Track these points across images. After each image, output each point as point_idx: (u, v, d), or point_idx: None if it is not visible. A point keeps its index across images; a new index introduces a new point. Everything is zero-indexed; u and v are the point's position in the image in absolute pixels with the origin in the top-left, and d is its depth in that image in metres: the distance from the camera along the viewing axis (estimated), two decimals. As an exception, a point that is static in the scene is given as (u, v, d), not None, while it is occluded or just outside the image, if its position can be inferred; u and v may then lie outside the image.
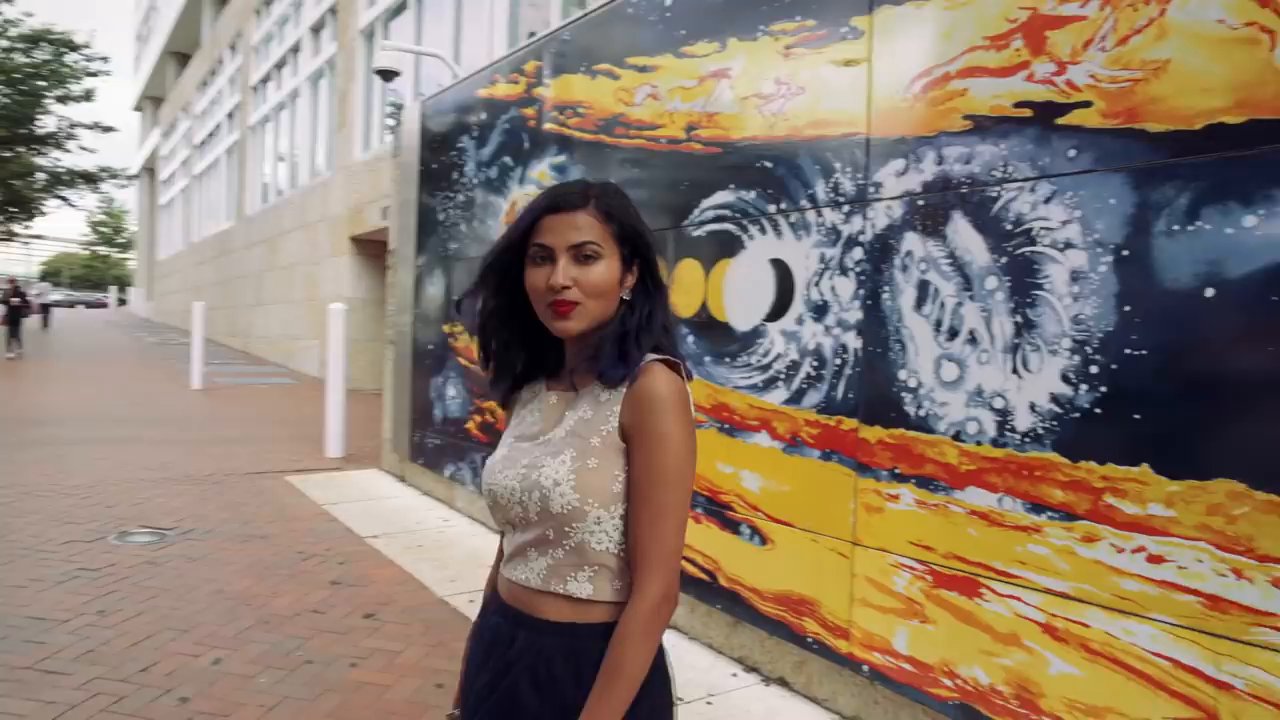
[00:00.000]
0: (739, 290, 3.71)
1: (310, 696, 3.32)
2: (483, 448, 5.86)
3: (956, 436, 2.87)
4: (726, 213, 3.73)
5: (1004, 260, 2.71)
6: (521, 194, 5.22)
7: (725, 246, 3.75)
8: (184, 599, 4.34)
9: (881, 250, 3.09)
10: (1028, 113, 2.64)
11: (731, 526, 3.74)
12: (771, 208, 3.52)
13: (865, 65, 3.14)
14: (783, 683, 3.58)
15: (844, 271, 3.23)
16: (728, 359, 3.74)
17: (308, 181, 18.38)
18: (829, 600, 3.33)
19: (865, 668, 3.19)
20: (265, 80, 21.94)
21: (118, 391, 13.86)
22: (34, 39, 22.58)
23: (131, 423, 10.47)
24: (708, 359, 3.84)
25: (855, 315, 3.19)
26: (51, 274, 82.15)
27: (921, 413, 2.97)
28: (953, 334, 2.87)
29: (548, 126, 4.94)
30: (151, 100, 43.60)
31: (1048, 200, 2.60)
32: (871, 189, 3.11)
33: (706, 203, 3.84)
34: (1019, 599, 2.71)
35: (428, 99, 6.64)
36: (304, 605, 4.32)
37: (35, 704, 3.19)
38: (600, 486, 1.29)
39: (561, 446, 1.33)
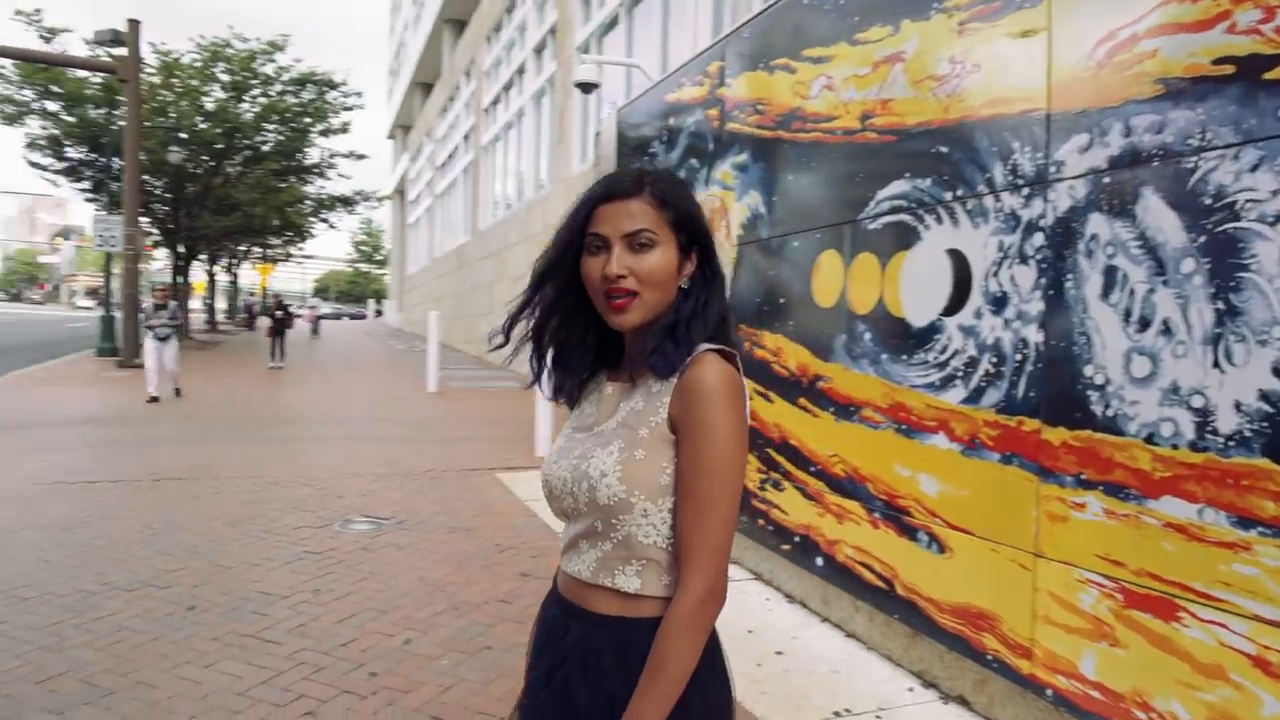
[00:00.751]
0: (915, 284, 3.53)
1: (484, 680, 3.49)
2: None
3: (1149, 439, 2.58)
4: (902, 203, 3.57)
5: (1202, 239, 2.42)
6: (705, 196, 5.24)
7: (901, 238, 3.59)
8: (388, 583, 4.69)
9: (1064, 235, 2.84)
10: (1229, 69, 2.34)
11: (909, 533, 3.56)
12: (947, 195, 3.33)
13: (1044, 35, 2.90)
14: (962, 702, 3.36)
15: (1024, 260, 2.99)
16: (904, 356, 3.57)
17: (532, 195, 19.39)
18: (1010, 616, 3.10)
19: (1049, 692, 2.93)
20: (495, 102, 23.40)
21: (362, 394, 15.20)
22: (301, 81, 25.30)
23: (370, 422, 11.45)
24: (884, 356, 3.68)
25: (1036, 307, 2.95)
26: (321, 290, 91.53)
27: (1110, 413, 2.70)
28: (1144, 325, 2.59)
29: (730, 126, 4.94)
30: (402, 128, 47.64)
31: (1254, 168, 2.29)
32: (1052, 168, 2.87)
33: (882, 194, 3.69)
34: (1224, 625, 2.40)
35: (623, 107, 6.82)
36: (493, 595, 4.55)
37: (251, 668, 3.56)
38: (647, 478, 1.26)
39: (611, 437, 1.31)
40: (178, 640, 3.81)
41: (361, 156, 28.26)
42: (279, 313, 19.77)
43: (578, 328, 1.42)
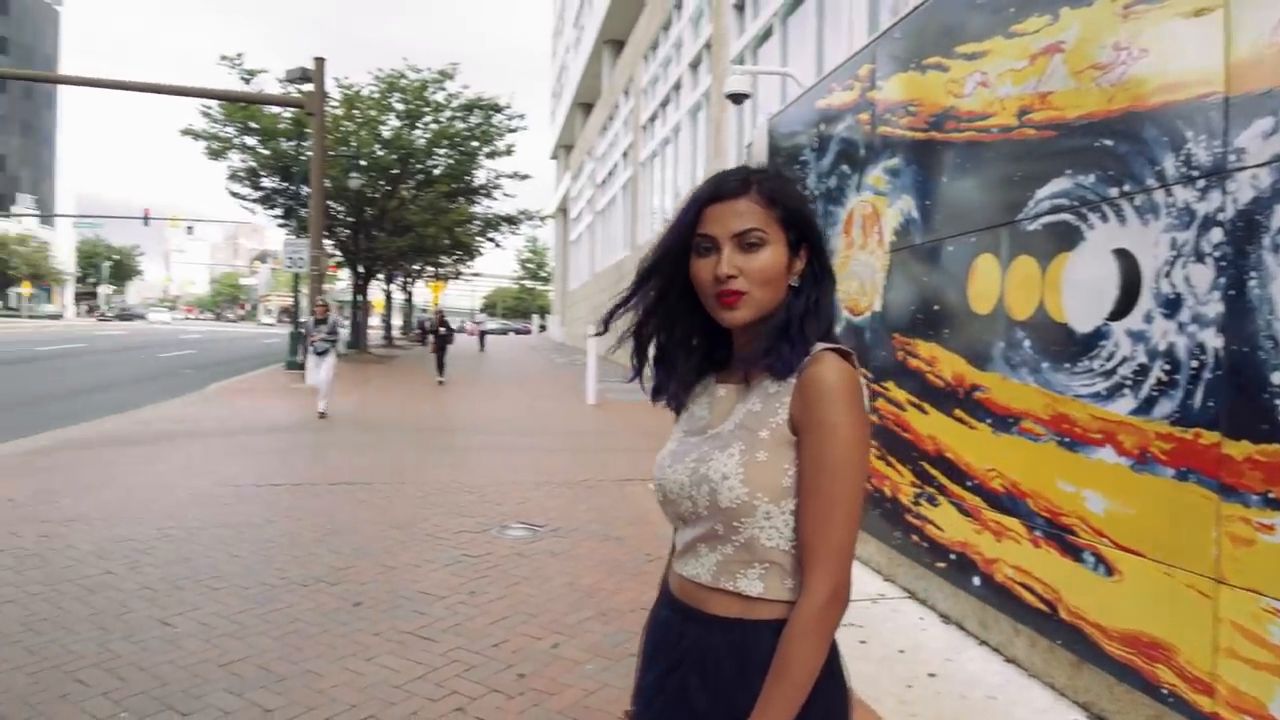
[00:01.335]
0: (1079, 287, 3.32)
1: (627, 687, 3.47)
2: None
3: (1349, 454, 2.32)
4: (1064, 201, 3.37)
5: None
6: (858, 201, 5.12)
7: (1063, 239, 3.38)
8: (540, 588, 4.81)
9: (1246, 229, 2.60)
10: None
11: (1073, 553, 3.34)
12: (1113, 191, 3.12)
13: (1220, 12, 2.67)
14: (1131, 735, 3.11)
15: (1200, 258, 2.76)
16: (1067, 364, 3.36)
17: (688, 209, 19.53)
18: (1187, 647, 2.85)
19: (1234, 730, 2.67)
20: (653, 119, 23.75)
21: (524, 406, 15.71)
22: (469, 107, 26.57)
23: (530, 433, 11.81)
24: (1045, 365, 3.48)
25: (1215, 309, 2.71)
26: (489, 306, 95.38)
27: (1302, 424, 2.44)
28: (1342, 327, 2.33)
29: (881, 130, 4.81)
30: (564, 148, 49.11)
31: None
32: (1232, 157, 2.63)
33: (1041, 193, 3.49)
34: None
35: (773, 116, 6.77)
36: (640, 603, 4.58)
37: (408, 663, 3.73)
38: (769, 480, 1.25)
39: (730, 440, 1.30)
40: (344, 633, 4.05)
41: (525, 177, 29.30)
42: (441, 329, 20.06)
43: (680, 329, 1.42)
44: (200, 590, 4.61)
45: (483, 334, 39.32)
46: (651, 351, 1.45)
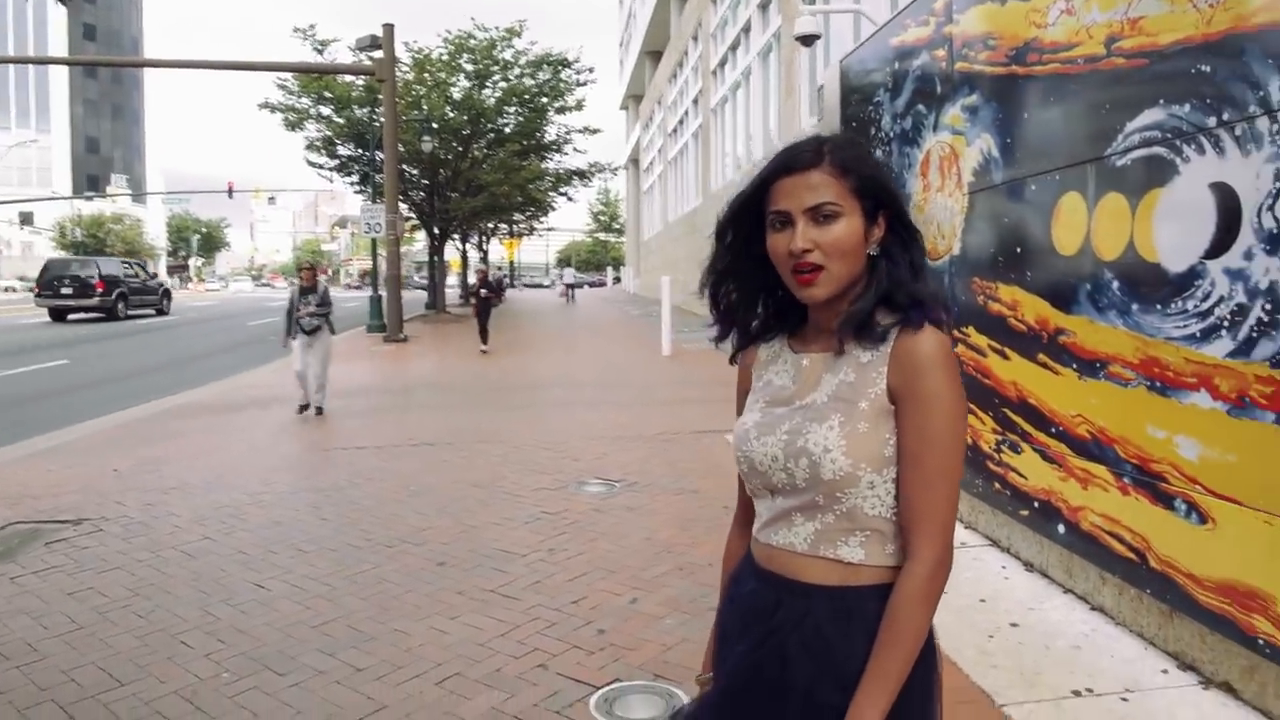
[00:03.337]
0: (1172, 223, 3.14)
1: (705, 641, 3.52)
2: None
3: None
4: (1155, 134, 3.17)
5: None
6: (935, 141, 4.93)
7: (1155, 174, 3.19)
8: (618, 544, 4.85)
9: (1357, 157, 2.41)
10: None
11: (1165, 500, 3.21)
12: (1210, 121, 2.92)
13: (1327, -79, 2.45)
14: (1228, 689, 3.00)
15: (1305, 189, 2.57)
16: (1158, 305, 3.19)
17: (761, 153, 19.19)
18: (1290, 596, 2.72)
19: (1341, 684, 2.55)
20: (723, 63, 23.31)
21: (599, 359, 15.81)
22: (538, 63, 26.47)
23: (605, 387, 11.88)
24: (1135, 306, 3.31)
25: (1322, 243, 2.53)
26: (564, 260, 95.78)
27: None
28: None
29: (958, 66, 4.60)
30: (634, 98, 48.63)
31: None
32: (1341, 80, 2.44)
33: (1131, 125, 3.30)
34: None
35: (845, 57, 6.54)
36: (718, 556, 4.49)
37: (490, 620, 3.81)
38: (872, 451, 1.26)
39: (826, 411, 1.29)
40: (429, 593, 4.16)
41: (595, 131, 29.16)
42: (483, 290, 17.39)
43: (750, 291, 1.42)
44: (291, 553, 4.78)
45: (570, 287, 42.24)
46: (724, 307, 1.46)
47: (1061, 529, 3.87)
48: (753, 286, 1.41)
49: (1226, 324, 2.89)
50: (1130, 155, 3.32)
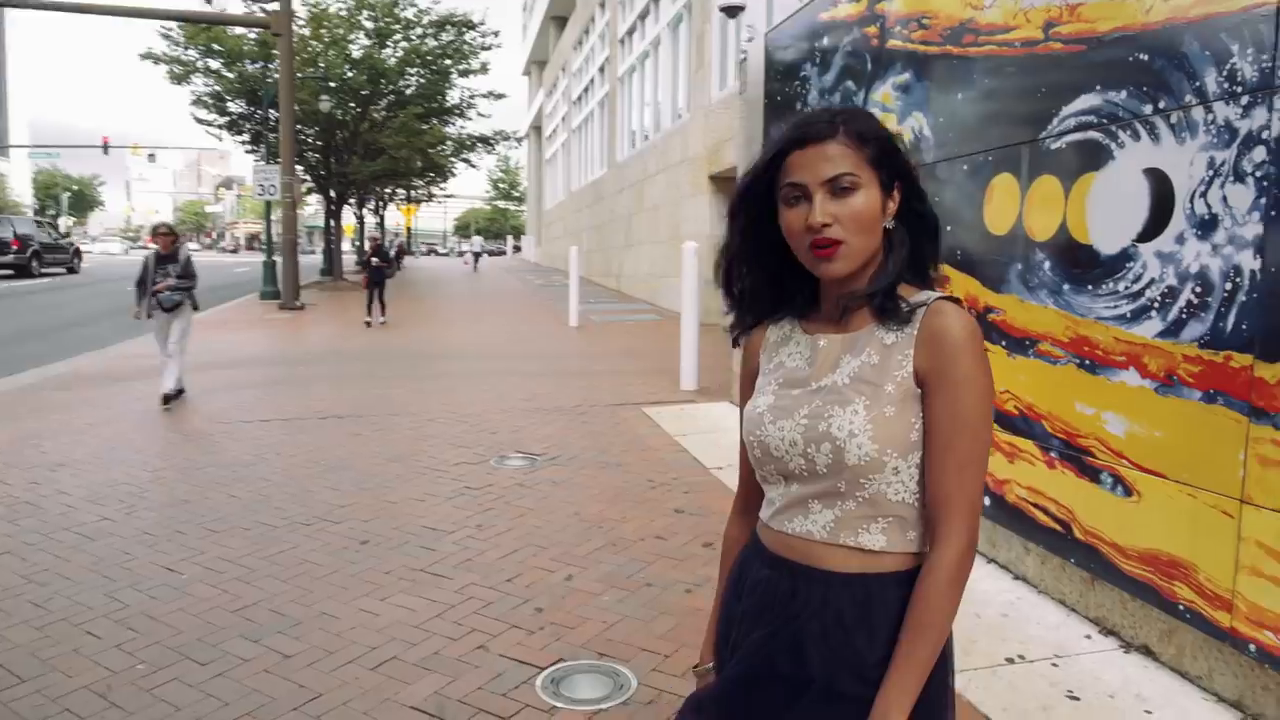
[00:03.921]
0: (1105, 207, 3.24)
1: (647, 618, 3.52)
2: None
3: (1393, 377, 2.29)
4: (1091, 119, 3.26)
5: None
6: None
7: (1089, 157, 3.28)
8: (546, 519, 4.79)
9: (1291, 148, 2.51)
10: None
11: (1091, 474, 3.34)
12: (1147, 108, 3.01)
13: (1273, -83, 2.54)
14: (1146, 651, 3.16)
15: (1239, 178, 2.68)
16: (1090, 286, 3.30)
17: (669, 125, 19.14)
18: (1207, 565, 2.87)
19: (1251, 647, 2.71)
20: (631, 32, 23.07)
21: (506, 329, 15.58)
22: (440, 24, 25.67)
23: (515, 358, 11.72)
24: (1066, 287, 3.42)
25: (1254, 230, 2.65)
26: (462, 228, 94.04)
27: (1343, 347, 2.41)
28: (1391, 248, 2.27)
29: (891, 44, 4.64)
30: (537, 64, 47.79)
31: None
32: None
33: (1067, 109, 3.38)
34: None
35: (771, 30, 6.53)
36: (649, 531, 4.57)
37: (423, 601, 3.70)
38: (899, 435, 1.21)
39: (850, 394, 1.24)
40: (354, 573, 4.01)
41: (501, 96, 28.54)
42: (374, 259, 15.80)
43: (764, 275, 1.37)
44: (201, 534, 4.55)
45: (476, 255, 43.13)
46: (737, 289, 1.40)
47: (986, 501, 3.99)
48: (766, 267, 1.36)
49: (1157, 305, 3.00)
50: (1065, 139, 3.40)
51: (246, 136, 26.15)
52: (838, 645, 1.24)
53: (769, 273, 1.36)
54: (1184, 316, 2.89)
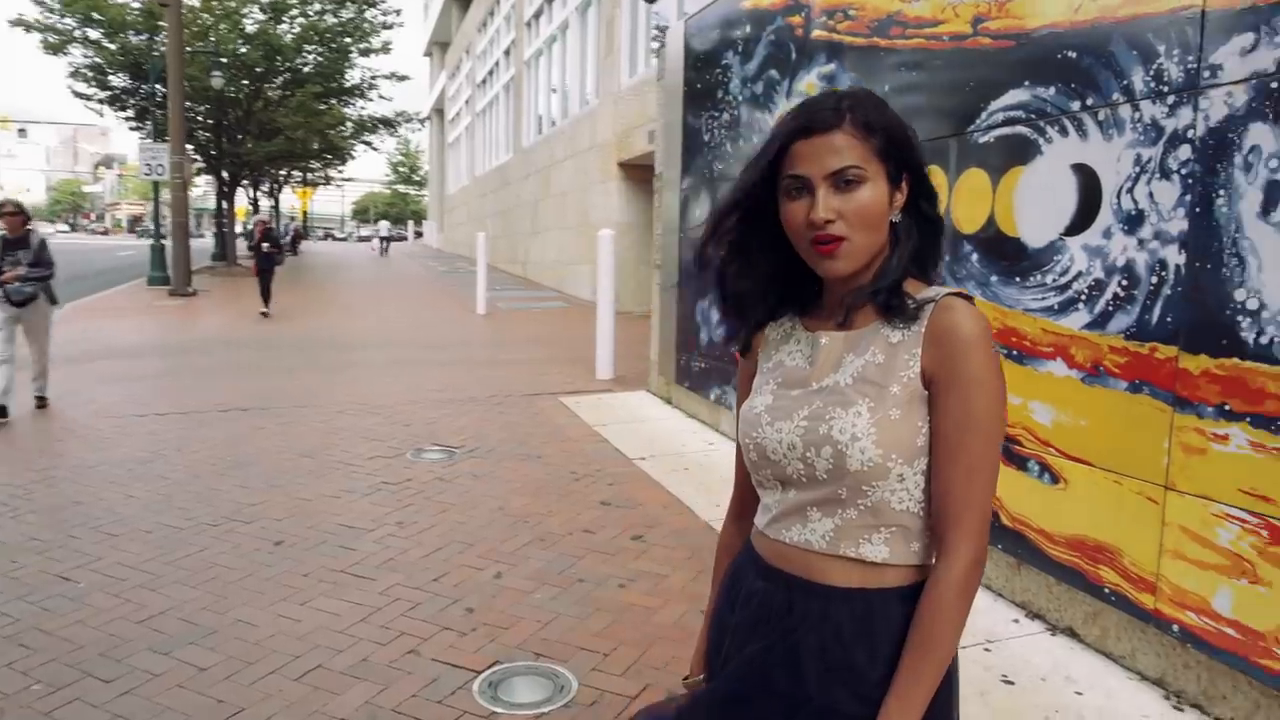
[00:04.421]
0: (1033, 201, 3.30)
1: (582, 615, 3.44)
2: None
3: (1312, 368, 2.38)
4: (1019, 114, 3.31)
5: (1392, 150, 2.17)
6: (788, 108, 4.97)
7: (1017, 152, 3.34)
8: (469, 514, 4.65)
9: (1217, 147, 2.59)
10: None
11: (1018, 462, 3.41)
12: (1075, 105, 3.07)
13: (1203, -80, 2.61)
14: (1071, 634, 3.25)
15: (1165, 175, 2.76)
16: (1018, 278, 3.36)
17: (577, 110, 18.97)
18: (1133, 549, 2.96)
19: (1175, 627, 2.81)
20: (538, 15, 22.75)
21: (411, 317, 15.21)
22: (341, 0, 24.79)
23: (423, 347, 11.43)
24: (994, 278, 3.48)
25: (1179, 226, 2.72)
26: (360, 212, 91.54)
27: (1264, 340, 2.50)
28: (1312, 244, 2.37)
29: (815, 34, 4.64)
30: (439, 45, 46.73)
31: None
32: (1206, 73, 2.61)
33: (995, 104, 3.43)
34: (1391, 565, 2.24)
35: (690, 17, 6.48)
36: (576, 525, 4.50)
37: (347, 604, 3.54)
38: (905, 440, 1.14)
39: (852, 395, 1.17)
40: (270, 576, 3.82)
41: (404, 77, 27.80)
42: (265, 244, 14.72)
43: (762, 274, 1.29)
44: (98, 538, 4.26)
45: (384, 240, 41.53)
46: (733, 292, 1.32)
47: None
48: (766, 263, 1.28)
49: (1084, 298, 3.07)
50: (994, 133, 3.45)
51: (131, 113, 24.78)
52: (836, 662, 1.17)
53: (769, 269, 1.28)
54: (1110, 309, 2.97)
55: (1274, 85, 2.43)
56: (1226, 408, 2.62)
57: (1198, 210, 2.66)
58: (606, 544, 4.23)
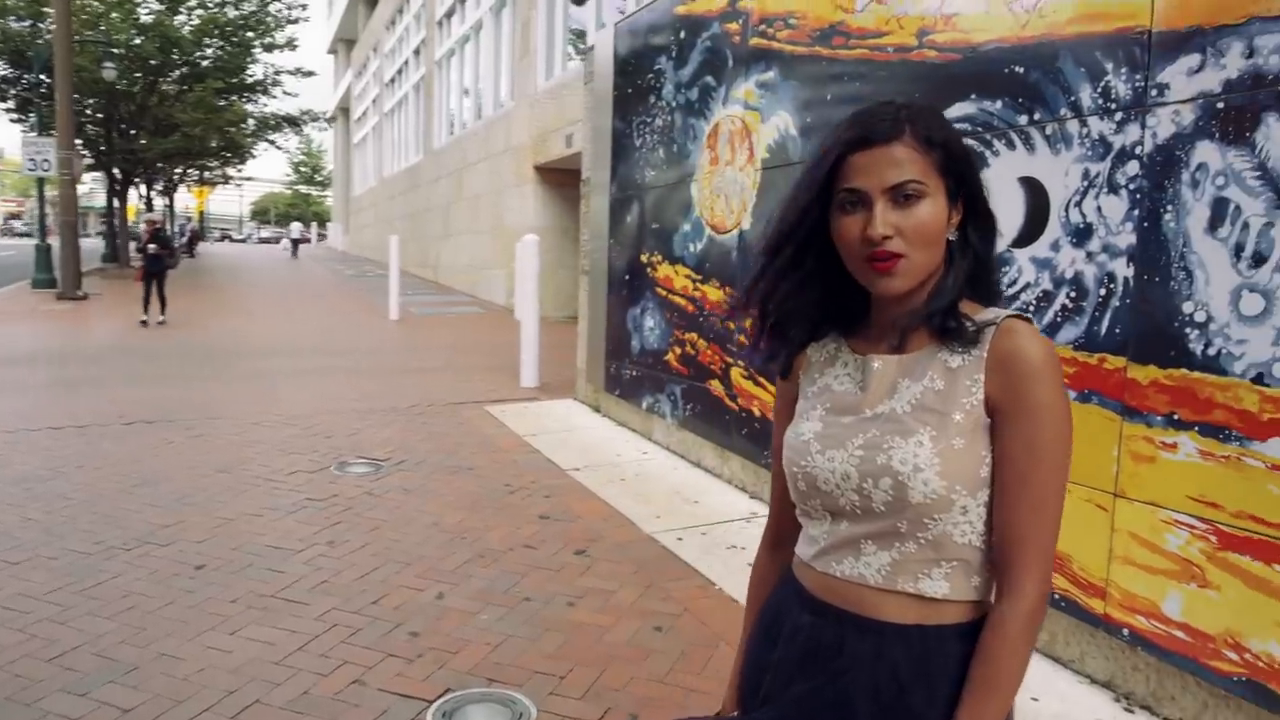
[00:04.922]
0: (978, 213, 3.34)
1: (532, 636, 3.33)
2: (683, 380, 5.74)
3: (1258, 379, 2.46)
4: (966, 126, 3.35)
5: (1338, 170, 2.25)
6: (725, 115, 4.96)
7: (962, 164, 3.38)
8: (403, 531, 4.48)
9: (1164, 164, 2.66)
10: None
11: (963, 471, 3.44)
12: (1022, 119, 3.12)
13: (1154, -58, 2.67)
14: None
15: (1113, 190, 2.82)
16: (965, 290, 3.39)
17: (491, 113, 18.70)
18: (1082, 555, 3.01)
19: (1125, 631, 2.87)
20: (449, 14, 22.36)
21: (321, 323, 14.75)
22: (242, -8, 23.93)
23: (337, 354, 11.08)
24: (938, 290, 3.50)
25: (1127, 240, 2.78)
26: (260, 212, 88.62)
27: (1211, 351, 2.57)
28: (1258, 260, 2.44)
29: (754, 42, 4.63)
30: (345, 43, 45.58)
31: (1406, 93, 2.12)
32: (1154, 92, 2.67)
33: (940, 116, 3.46)
34: (1335, 570, 2.32)
35: (620, 22, 6.42)
36: (516, 540, 4.37)
37: (281, 632, 3.34)
38: (969, 471, 1.09)
39: (912, 424, 1.11)
40: (194, 604, 3.59)
41: (310, 74, 27.02)
42: (151, 245, 13.53)
43: (812, 294, 1.22)
44: (-1, 565, 3.95)
45: (295, 242, 40.45)
46: (776, 316, 1.25)
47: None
48: (816, 288, 1.21)
49: (1032, 309, 3.12)
50: (938, 145, 3.48)
51: (11, 104, 23.39)
52: (891, 704, 1.12)
53: (817, 288, 1.22)
54: (1059, 320, 3.02)
55: (1220, 105, 2.50)
56: (1175, 417, 2.69)
57: (1146, 225, 2.72)
58: (549, 560, 4.12)
